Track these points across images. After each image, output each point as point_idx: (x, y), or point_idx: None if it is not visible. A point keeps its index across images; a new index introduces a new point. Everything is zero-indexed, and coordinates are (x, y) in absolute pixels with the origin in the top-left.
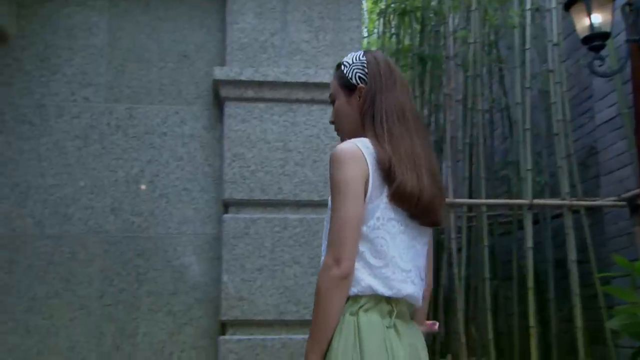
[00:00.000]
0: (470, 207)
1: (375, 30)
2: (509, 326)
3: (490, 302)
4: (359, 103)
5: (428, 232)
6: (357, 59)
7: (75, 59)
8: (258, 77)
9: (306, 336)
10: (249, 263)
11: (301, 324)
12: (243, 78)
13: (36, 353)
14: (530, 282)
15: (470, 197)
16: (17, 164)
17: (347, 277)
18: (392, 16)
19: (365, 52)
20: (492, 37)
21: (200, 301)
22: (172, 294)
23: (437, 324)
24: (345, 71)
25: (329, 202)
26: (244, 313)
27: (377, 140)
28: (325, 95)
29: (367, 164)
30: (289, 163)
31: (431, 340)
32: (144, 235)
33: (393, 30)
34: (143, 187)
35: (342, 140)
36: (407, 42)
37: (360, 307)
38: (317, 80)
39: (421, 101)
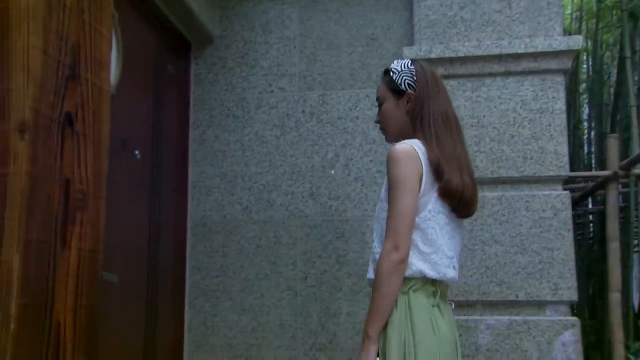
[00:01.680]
0: None
1: None
2: None
3: None
4: (407, 107)
5: (463, 223)
6: (406, 66)
7: (271, 51)
8: (448, 54)
9: (511, 317)
10: None
11: (505, 305)
12: (433, 56)
13: (251, 330)
14: None
15: None
16: (225, 155)
17: (404, 261)
18: None
19: (413, 62)
20: None
21: None
22: None
23: (453, 304)
24: (394, 77)
25: (382, 194)
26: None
27: (425, 141)
28: (522, 66)
29: (422, 162)
30: (484, 139)
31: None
32: (341, 218)
33: None
34: (333, 172)
35: (387, 138)
36: None
37: (410, 287)
38: (512, 51)
39: (631, 63)
